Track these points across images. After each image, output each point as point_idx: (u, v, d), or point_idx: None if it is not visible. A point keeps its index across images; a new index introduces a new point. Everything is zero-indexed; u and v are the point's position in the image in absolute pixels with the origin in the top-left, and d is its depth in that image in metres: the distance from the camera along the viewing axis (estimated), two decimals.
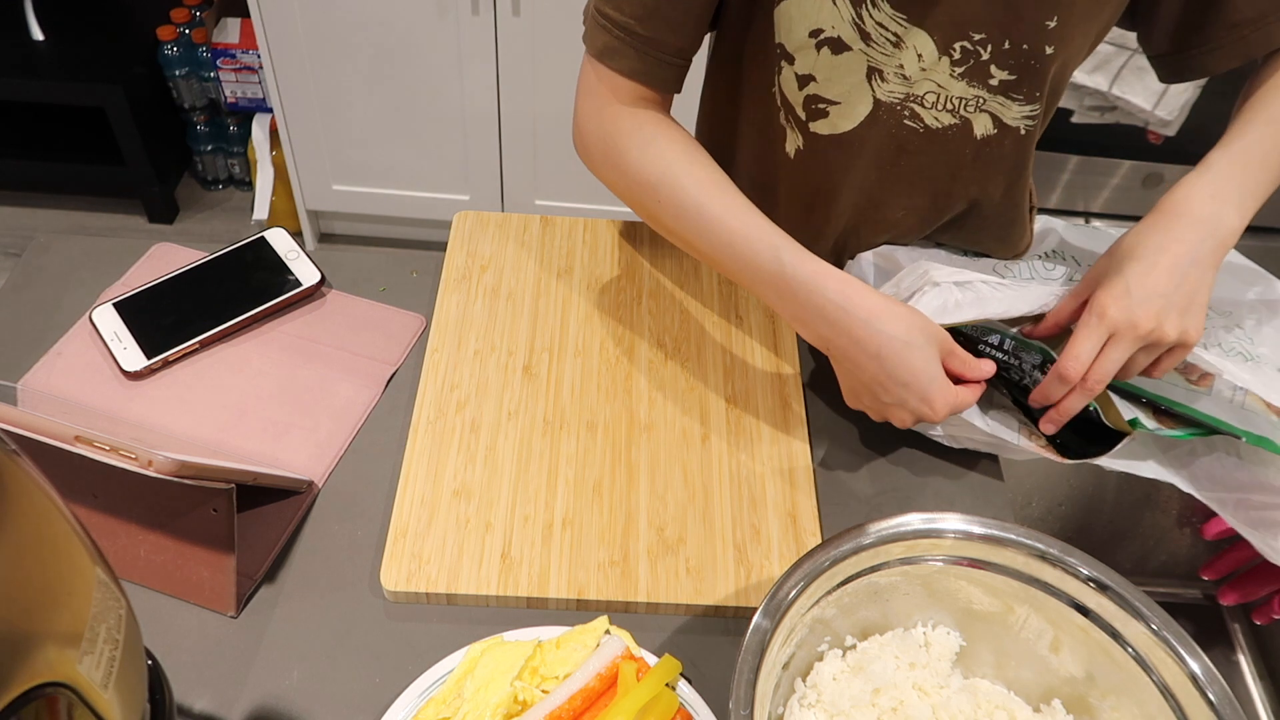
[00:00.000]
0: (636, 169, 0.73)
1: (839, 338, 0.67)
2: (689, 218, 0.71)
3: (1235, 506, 0.69)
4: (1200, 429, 0.69)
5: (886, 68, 0.72)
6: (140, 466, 0.56)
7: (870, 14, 0.69)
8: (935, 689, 0.60)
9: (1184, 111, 1.61)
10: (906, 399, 0.67)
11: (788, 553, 0.69)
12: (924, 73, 0.72)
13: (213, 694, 0.61)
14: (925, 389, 0.66)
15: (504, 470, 0.72)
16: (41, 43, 1.97)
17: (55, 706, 0.31)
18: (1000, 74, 0.71)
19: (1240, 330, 0.73)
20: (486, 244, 0.88)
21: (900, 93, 0.73)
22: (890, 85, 0.73)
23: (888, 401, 0.68)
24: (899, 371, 0.66)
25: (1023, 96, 0.73)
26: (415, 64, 1.77)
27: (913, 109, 0.74)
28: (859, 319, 0.66)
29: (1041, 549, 0.57)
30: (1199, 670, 0.53)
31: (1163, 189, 1.84)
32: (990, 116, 0.74)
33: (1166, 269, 0.65)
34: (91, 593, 0.34)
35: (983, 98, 0.73)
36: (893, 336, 0.65)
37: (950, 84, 0.72)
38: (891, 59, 0.71)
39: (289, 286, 0.82)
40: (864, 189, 0.81)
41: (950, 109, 0.74)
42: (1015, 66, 0.70)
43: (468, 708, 0.57)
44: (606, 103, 0.74)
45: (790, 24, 0.71)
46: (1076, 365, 0.66)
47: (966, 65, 0.70)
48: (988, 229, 0.86)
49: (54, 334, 0.78)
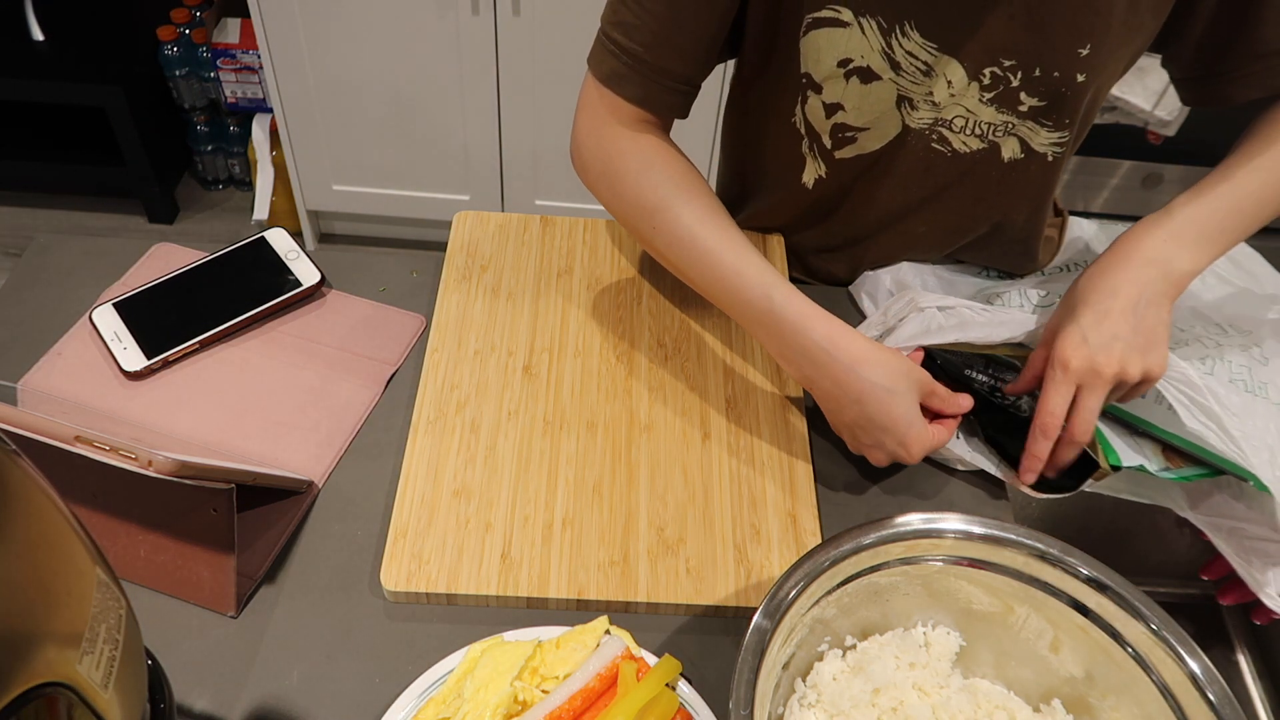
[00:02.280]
0: (634, 193, 0.72)
1: (822, 379, 0.68)
2: (682, 247, 0.71)
3: (1229, 534, 0.69)
4: (1208, 469, 0.69)
5: (916, 95, 0.71)
6: (140, 466, 0.56)
7: (900, 43, 0.68)
8: (935, 689, 0.60)
9: (1184, 112, 1.61)
10: (884, 441, 0.68)
11: (788, 553, 0.69)
12: (953, 98, 0.71)
13: (213, 694, 0.61)
14: (903, 434, 0.67)
15: (504, 470, 0.72)
16: (41, 43, 1.97)
17: (55, 706, 0.31)
18: (1030, 100, 0.70)
19: (1257, 350, 0.72)
20: (486, 244, 0.88)
21: (929, 118, 0.73)
22: (920, 113, 0.72)
23: (866, 442, 0.69)
24: (879, 417, 0.66)
25: (1052, 123, 0.72)
26: (415, 64, 1.77)
27: (941, 133, 0.74)
28: (843, 364, 0.66)
29: (1041, 549, 0.57)
30: (1199, 670, 0.53)
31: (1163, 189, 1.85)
32: (1019, 141, 0.73)
33: (1120, 312, 0.65)
34: (91, 593, 0.34)
35: (1011, 123, 0.72)
36: (875, 384, 0.66)
37: (979, 109, 0.71)
38: (921, 87, 0.71)
39: (289, 286, 0.82)
40: (888, 208, 0.80)
41: (978, 134, 0.73)
42: (1045, 93, 0.70)
43: (468, 708, 0.57)
44: (606, 122, 0.74)
45: (818, 54, 0.70)
46: (1053, 420, 0.66)
47: (996, 91, 0.70)
48: (1009, 249, 0.85)
49: (54, 334, 0.78)
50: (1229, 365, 0.71)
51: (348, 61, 1.78)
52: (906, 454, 0.68)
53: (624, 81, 0.71)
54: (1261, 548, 0.67)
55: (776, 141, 0.81)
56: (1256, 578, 0.66)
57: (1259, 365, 0.70)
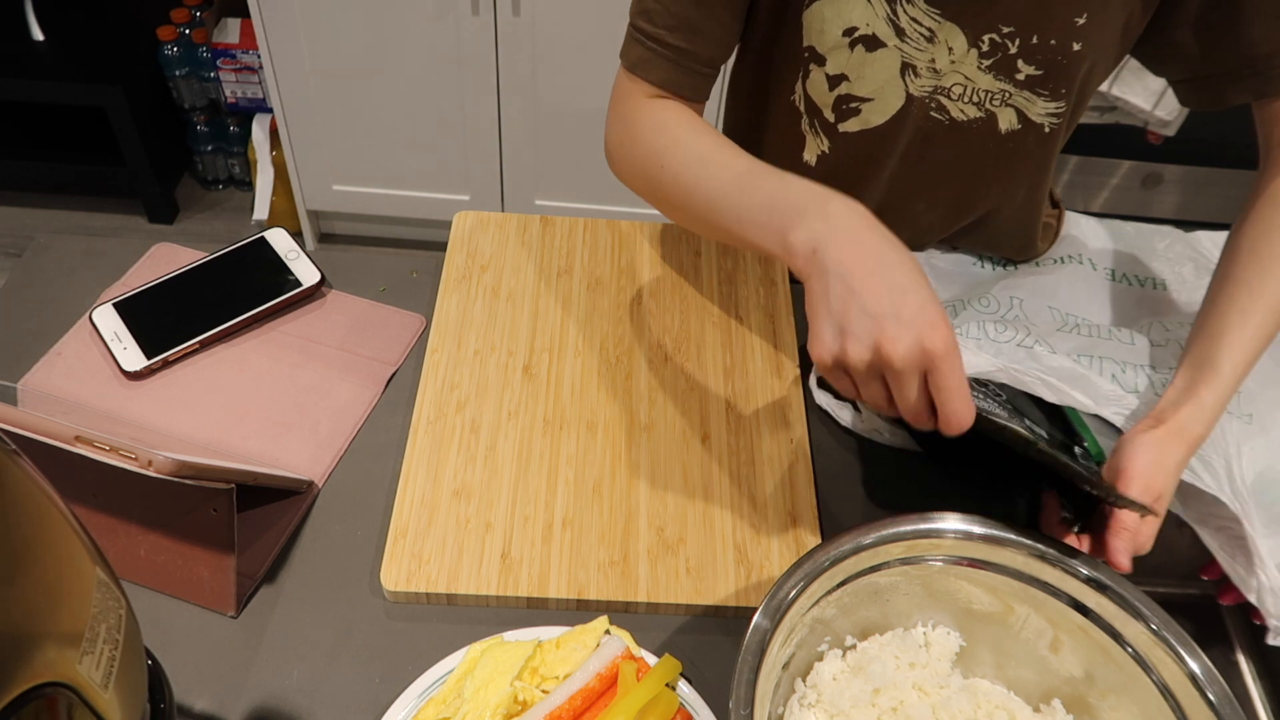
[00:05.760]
0: (647, 139, 0.73)
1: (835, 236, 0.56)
2: (690, 172, 0.67)
3: (1216, 532, 0.70)
4: None
5: (919, 62, 0.72)
6: (140, 466, 0.56)
7: (905, 9, 0.70)
8: (935, 689, 0.60)
9: (1184, 112, 1.61)
10: (903, 308, 0.52)
11: (788, 553, 0.69)
12: (953, 65, 0.72)
13: (213, 694, 0.61)
14: (927, 297, 0.53)
15: (504, 470, 0.72)
16: (41, 43, 1.97)
17: (55, 706, 0.31)
18: (1027, 69, 0.71)
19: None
20: (486, 244, 0.88)
21: (930, 86, 0.74)
22: (922, 80, 0.74)
23: (881, 311, 0.53)
24: (899, 272, 0.53)
25: (1048, 92, 0.73)
26: (415, 64, 1.77)
27: (939, 101, 0.75)
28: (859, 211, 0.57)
29: (1041, 549, 0.57)
30: (1199, 670, 0.53)
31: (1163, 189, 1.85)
32: (1015, 111, 0.74)
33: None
34: (91, 593, 0.34)
35: (1009, 91, 0.73)
36: (894, 240, 0.56)
37: (977, 76, 0.72)
38: (924, 54, 0.72)
39: (289, 286, 0.82)
40: (889, 184, 0.81)
41: (976, 102, 0.74)
42: (1042, 61, 0.71)
43: (468, 708, 0.57)
44: (631, 106, 0.75)
45: (823, 24, 0.72)
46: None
47: (994, 58, 0.71)
48: (1006, 234, 0.86)
49: (54, 334, 0.78)
50: None
51: (348, 61, 1.78)
52: (930, 327, 0.52)
53: (649, 66, 0.73)
54: (1245, 545, 0.67)
55: (776, 121, 0.82)
56: (1242, 575, 0.67)
57: None
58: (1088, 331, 0.74)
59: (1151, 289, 0.83)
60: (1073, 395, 0.66)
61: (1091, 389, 0.67)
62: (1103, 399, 0.67)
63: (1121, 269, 0.84)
